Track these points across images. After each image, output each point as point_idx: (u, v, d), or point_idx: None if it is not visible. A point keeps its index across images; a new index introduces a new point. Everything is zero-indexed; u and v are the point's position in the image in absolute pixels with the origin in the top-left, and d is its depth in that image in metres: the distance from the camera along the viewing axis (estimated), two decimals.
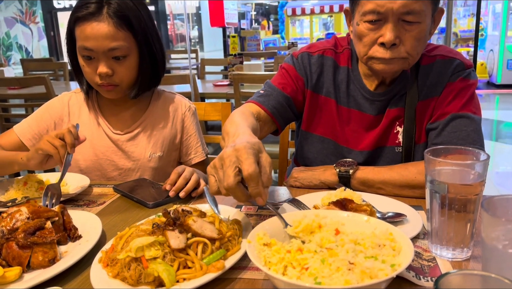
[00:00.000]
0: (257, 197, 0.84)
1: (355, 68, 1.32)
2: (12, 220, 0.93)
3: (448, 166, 0.84)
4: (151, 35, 1.39)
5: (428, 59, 1.27)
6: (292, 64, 1.38)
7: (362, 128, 1.32)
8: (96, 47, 1.30)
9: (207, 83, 4.49)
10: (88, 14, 1.29)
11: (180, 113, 1.53)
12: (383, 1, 1.09)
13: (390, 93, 1.28)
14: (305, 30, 14.43)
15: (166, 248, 0.80)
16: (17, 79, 3.93)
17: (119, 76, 1.36)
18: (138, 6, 1.36)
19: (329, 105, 1.34)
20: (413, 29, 1.12)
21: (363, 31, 1.16)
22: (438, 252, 0.85)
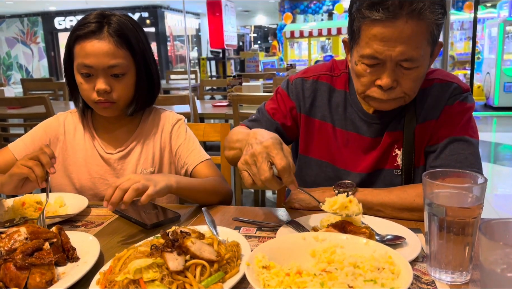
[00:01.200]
0: (291, 185, 0.99)
1: (352, 92, 1.33)
2: (11, 241, 0.92)
3: (446, 189, 0.84)
4: (148, 56, 1.43)
5: (425, 83, 1.28)
6: (285, 89, 1.41)
7: (360, 150, 1.32)
8: (96, 64, 1.32)
9: (206, 104, 4.52)
10: (89, 32, 1.32)
11: (169, 127, 1.52)
12: (382, 48, 1.09)
13: (388, 116, 1.29)
14: (304, 52, 14.60)
15: (165, 270, 0.79)
16: (18, 99, 3.95)
17: (117, 94, 1.37)
18: (136, 28, 1.40)
19: (325, 129, 1.35)
20: (412, 73, 1.13)
21: (361, 72, 1.17)
22: (437, 275, 0.85)
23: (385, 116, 1.29)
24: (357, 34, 1.15)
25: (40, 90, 5.87)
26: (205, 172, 1.45)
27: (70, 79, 1.44)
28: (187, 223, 1.19)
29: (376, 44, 1.10)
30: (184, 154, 1.49)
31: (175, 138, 1.51)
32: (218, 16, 8.12)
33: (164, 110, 1.57)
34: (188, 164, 1.48)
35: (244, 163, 1.01)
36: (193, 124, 1.81)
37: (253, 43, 24.38)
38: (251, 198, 4.01)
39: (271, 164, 0.98)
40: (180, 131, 1.53)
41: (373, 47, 1.10)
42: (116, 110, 1.42)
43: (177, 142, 1.51)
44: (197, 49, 22.19)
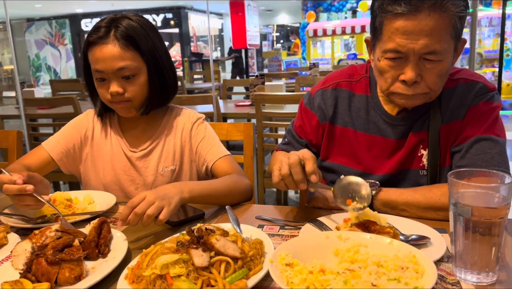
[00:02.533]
0: (313, 175, 1.06)
1: (374, 96, 1.33)
2: (43, 237, 0.96)
3: (472, 189, 0.83)
4: (160, 55, 1.45)
5: (450, 83, 1.26)
6: (307, 105, 1.42)
7: (385, 153, 1.31)
8: (106, 68, 1.36)
9: (229, 103, 4.55)
10: (97, 38, 1.37)
11: (189, 125, 1.55)
12: (405, 41, 1.09)
13: (413, 117, 1.28)
14: (327, 50, 14.51)
15: (190, 266, 0.81)
16: (47, 100, 4.07)
17: (129, 94, 1.41)
18: (146, 28, 1.43)
19: (347, 135, 1.36)
20: (435, 67, 1.12)
21: (384, 67, 1.17)
22: (462, 275, 0.84)
23: (409, 118, 1.28)
24: (379, 30, 1.15)
25: (68, 91, 6.02)
26: (224, 167, 1.47)
27: (88, 84, 1.49)
28: (211, 220, 1.21)
29: (398, 37, 1.10)
30: (204, 150, 1.51)
31: (195, 136, 1.54)
32: (241, 16, 8.16)
33: (185, 110, 1.60)
34: (207, 160, 1.49)
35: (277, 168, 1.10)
36: (216, 124, 1.83)
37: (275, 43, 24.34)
38: (273, 197, 4.02)
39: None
40: (199, 129, 1.55)
41: (395, 41, 1.10)
42: (132, 109, 1.45)
43: (197, 140, 1.53)
44: (220, 49, 22.33)
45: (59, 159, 1.51)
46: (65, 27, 19.92)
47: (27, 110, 3.87)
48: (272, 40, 24.25)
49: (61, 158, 1.51)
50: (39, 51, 20.50)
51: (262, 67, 16.59)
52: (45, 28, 20.25)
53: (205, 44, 21.05)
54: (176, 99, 3.38)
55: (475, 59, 4.74)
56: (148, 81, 1.43)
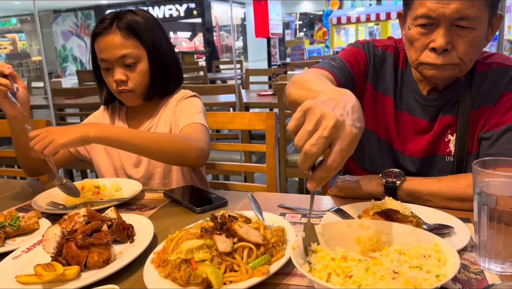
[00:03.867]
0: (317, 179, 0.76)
1: (408, 71, 1.31)
2: (72, 222, 1.00)
3: (497, 178, 0.82)
4: (160, 44, 1.52)
5: (483, 67, 1.23)
6: (360, 48, 1.35)
7: (412, 133, 1.30)
8: (109, 57, 1.46)
9: (251, 93, 4.56)
10: (101, 29, 1.47)
11: (175, 102, 1.60)
12: (436, 5, 1.07)
13: (443, 99, 1.26)
14: (350, 38, 14.29)
15: (214, 251, 0.83)
16: (74, 90, 4.16)
17: (132, 82, 1.50)
18: (147, 20, 1.51)
19: (387, 105, 1.32)
20: (467, 35, 1.09)
21: (414, 35, 1.15)
22: (486, 265, 0.84)
23: (440, 99, 1.26)
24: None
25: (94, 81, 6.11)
26: (186, 132, 1.46)
27: (96, 74, 1.59)
28: (233, 208, 1.23)
29: (429, 2, 1.08)
30: (181, 121, 1.53)
31: (178, 110, 1.58)
32: (263, 5, 8.09)
33: (182, 90, 1.66)
34: (179, 127, 1.51)
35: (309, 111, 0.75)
36: (239, 113, 1.84)
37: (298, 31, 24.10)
38: (295, 186, 4.02)
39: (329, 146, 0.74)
40: (183, 103, 1.59)
41: (426, 5, 1.09)
42: (135, 98, 1.54)
43: (178, 113, 1.57)
44: (243, 38, 22.26)
45: (76, 152, 1.63)
46: (90, 18, 20.22)
47: (55, 100, 3.97)
48: (295, 29, 24.02)
49: (77, 150, 1.64)
50: (66, 42, 20.89)
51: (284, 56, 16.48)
52: (71, 19, 20.60)
53: (227, 33, 21.04)
54: (199, 89, 3.43)
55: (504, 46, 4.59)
56: (149, 69, 1.51)
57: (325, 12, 14.41)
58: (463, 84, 1.24)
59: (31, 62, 20.85)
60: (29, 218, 1.13)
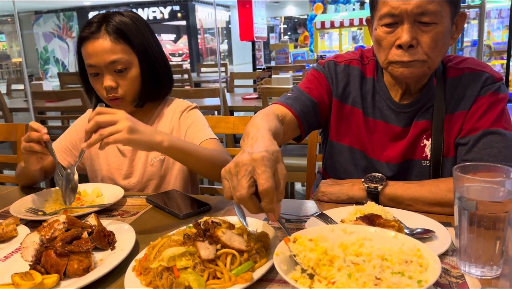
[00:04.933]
0: (270, 213, 0.84)
1: (380, 79, 1.33)
2: (51, 230, 0.98)
3: (477, 183, 0.84)
4: (151, 48, 1.47)
5: (455, 72, 1.26)
6: (319, 71, 1.39)
7: (388, 139, 1.31)
8: (98, 62, 1.40)
9: (236, 96, 4.56)
10: (89, 33, 1.40)
11: (178, 114, 1.56)
12: (398, 2, 1.11)
13: (417, 105, 1.28)
14: (334, 43, 14.41)
15: (197, 258, 0.83)
16: (55, 93, 4.10)
17: (123, 89, 1.43)
18: (137, 22, 1.45)
19: (356, 116, 1.35)
20: (430, 30, 1.13)
21: (381, 35, 1.18)
22: (466, 269, 0.85)
23: (413, 105, 1.28)
24: (375, 0, 1.19)
25: (76, 84, 6.04)
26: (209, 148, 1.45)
27: (83, 80, 1.52)
28: (217, 213, 1.23)
29: (391, 1, 1.13)
30: (191, 134, 1.51)
31: (183, 123, 1.55)
32: (248, 8, 8.12)
33: (176, 100, 1.62)
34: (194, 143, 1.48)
35: (227, 171, 0.87)
36: (223, 118, 1.84)
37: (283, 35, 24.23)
38: None
39: (254, 181, 0.83)
40: (188, 116, 1.56)
41: (389, 4, 1.13)
42: (127, 106, 1.47)
43: (186, 126, 1.54)
44: (227, 41, 22.27)
45: (62, 159, 1.56)
46: (72, 19, 19.97)
47: (36, 103, 3.90)
48: (280, 32, 24.15)
49: (64, 157, 1.58)
50: (47, 44, 20.59)
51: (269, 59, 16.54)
52: (53, 20, 20.32)
53: (212, 36, 21.02)
54: (183, 92, 3.41)
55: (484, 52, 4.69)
56: (140, 74, 1.45)
57: (309, 16, 14.51)
58: (435, 89, 1.26)
59: (11, 64, 20.48)
60: (6, 225, 1.10)
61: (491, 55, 10.26)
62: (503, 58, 9.77)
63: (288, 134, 1.31)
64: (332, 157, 1.41)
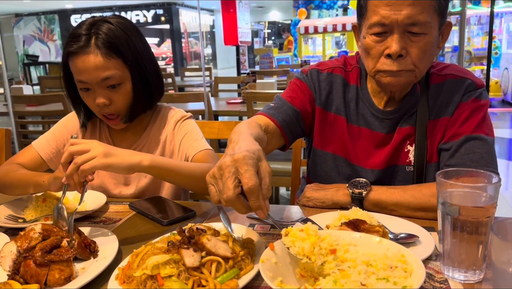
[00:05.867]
0: (258, 210, 0.85)
1: (364, 87, 1.34)
2: (27, 240, 0.95)
3: (460, 188, 0.85)
4: (143, 59, 1.40)
5: (438, 78, 1.28)
6: (302, 80, 1.40)
7: (372, 146, 1.32)
8: (89, 79, 1.33)
9: (220, 101, 4.55)
10: (77, 48, 1.31)
11: (172, 124, 1.53)
12: (388, 12, 1.12)
13: (400, 111, 1.29)
14: (318, 48, 14.54)
15: (181, 266, 0.81)
16: (36, 97, 4.04)
17: (116, 105, 1.38)
18: (127, 32, 1.37)
19: (339, 123, 1.36)
20: (419, 40, 1.14)
21: (370, 43, 1.18)
22: (450, 274, 0.86)
23: (397, 112, 1.29)
24: (364, 8, 1.19)
25: (58, 88, 5.95)
26: (203, 160, 1.43)
27: (70, 93, 1.45)
28: (202, 219, 1.22)
29: (382, 10, 1.13)
30: (185, 145, 1.48)
31: (178, 133, 1.52)
32: (232, 13, 8.12)
33: (171, 109, 1.58)
34: (188, 154, 1.46)
35: (211, 175, 0.88)
36: (208, 122, 1.83)
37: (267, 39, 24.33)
38: None
39: (239, 181, 0.84)
40: (182, 126, 1.53)
41: (379, 13, 1.13)
42: (121, 122, 1.44)
43: (180, 137, 1.51)
44: (211, 45, 22.25)
45: (49, 159, 1.49)
46: (54, 22, 19.70)
47: (16, 107, 3.83)
48: (264, 37, 24.24)
49: (51, 157, 1.50)
50: (28, 47, 20.27)
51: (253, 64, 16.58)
52: (34, 23, 20.01)
53: (196, 40, 20.98)
54: (167, 96, 3.39)
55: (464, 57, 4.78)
56: (132, 88, 1.39)
57: (293, 21, 14.62)
58: (419, 96, 1.28)
59: None
60: None
61: (471, 61, 10.48)
62: (482, 64, 10.00)
63: (272, 144, 1.31)
64: (316, 164, 1.42)
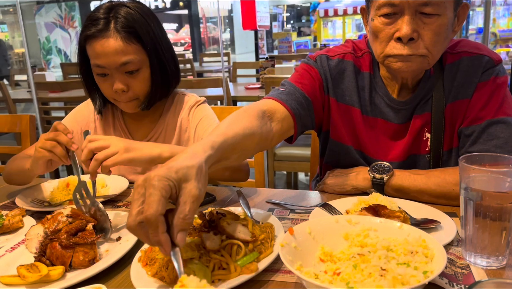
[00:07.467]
0: (158, 246, 0.71)
1: (376, 74, 1.26)
2: (55, 222, 0.98)
3: (483, 173, 0.83)
4: (161, 45, 1.39)
5: (452, 57, 1.20)
6: (311, 65, 1.29)
7: (387, 137, 1.26)
8: (108, 64, 1.31)
9: (238, 86, 4.54)
10: (96, 31, 1.30)
11: (187, 110, 1.51)
12: None
13: (416, 99, 1.22)
14: (338, 31, 14.29)
15: (202, 249, 0.83)
16: (58, 84, 4.09)
17: (134, 91, 1.37)
18: (146, 17, 1.36)
19: (354, 115, 1.28)
20: (432, 22, 1.05)
21: (379, 26, 1.10)
22: (472, 259, 0.85)
23: (412, 101, 1.22)
24: None
25: None
26: None
27: (86, 79, 1.44)
28: (222, 204, 1.23)
29: None
30: (201, 131, 1.47)
31: (192, 118, 1.51)
32: None
33: (186, 95, 1.57)
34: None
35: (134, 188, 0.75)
36: (226, 108, 1.83)
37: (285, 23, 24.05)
38: (283, 179, 4.03)
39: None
40: (197, 111, 1.51)
41: None
42: (137, 106, 1.42)
43: (195, 122, 1.50)
44: (230, 30, 22.14)
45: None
46: (74, 9, 19.85)
47: (39, 94, 3.90)
48: (282, 21, 23.96)
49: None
50: (49, 34, 20.51)
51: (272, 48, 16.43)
52: (55, 10, 20.20)
53: (214, 25, 20.90)
54: (185, 82, 3.40)
55: (489, 39, 4.63)
56: (150, 75, 1.38)
57: (312, 4, 14.38)
58: (433, 79, 1.20)
59: (13, 55, 20.44)
60: (12, 216, 1.11)
61: (497, 43, 10.16)
62: (508, 46, 9.67)
63: (280, 133, 1.16)
64: (335, 155, 1.33)
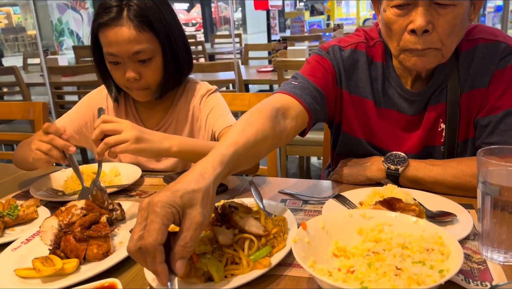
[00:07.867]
0: (155, 275, 0.70)
1: (389, 64, 1.22)
2: (69, 215, 0.98)
3: (502, 167, 0.81)
4: (174, 34, 1.37)
5: (467, 44, 1.15)
6: (324, 56, 1.25)
7: (401, 129, 1.23)
8: (120, 52, 1.31)
9: (250, 69, 4.50)
10: (109, 20, 1.29)
11: (199, 99, 1.50)
12: None
13: (430, 90, 1.18)
14: (351, 10, 14.04)
15: (214, 243, 0.83)
16: (71, 68, 4.11)
17: (146, 80, 1.36)
18: (158, 4, 1.35)
19: (367, 107, 1.25)
20: (448, 13, 1.00)
21: (391, 18, 1.06)
22: (489, 254, 0.83)
23: (426, 92, 1.18)
24: None
25: None
26: None
27: (99, 66, 1.44)
28: (234, 193, 1.22)
29: None
30: (212, 120, 1.47)
31: (204, 108, 1.50)
32: None
33: (197, 83, 1.55)
34: (215, 130, 1.45)
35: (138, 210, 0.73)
36: (238, 95, 1.82)
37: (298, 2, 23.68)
38: (296, 163, 4.02)
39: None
40: (208, 100, 1.50)
41: None
42: (149, 94, 1.42)
43: (206, 111, 1.49)
44: (241, 10, 21.89)
45: (71, 136, 1.46)
46: None
47: (52, 78, 3.92)
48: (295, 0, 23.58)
49: (73, 135, 1.49)
50: (61, 15, 20.51)
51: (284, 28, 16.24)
52: None
53: (226, 5, 20.68)
54: (197, 66, 3.38)
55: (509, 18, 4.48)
56: (163, 63, 1.38)
57: None
58: (448, 68, 1.16)
59: (26, 36, 20.53)
60: (27, 206, 1.12)
61: None
62: None
63: (294, 130, 1.13)
64: (349, 148, 1.31)
